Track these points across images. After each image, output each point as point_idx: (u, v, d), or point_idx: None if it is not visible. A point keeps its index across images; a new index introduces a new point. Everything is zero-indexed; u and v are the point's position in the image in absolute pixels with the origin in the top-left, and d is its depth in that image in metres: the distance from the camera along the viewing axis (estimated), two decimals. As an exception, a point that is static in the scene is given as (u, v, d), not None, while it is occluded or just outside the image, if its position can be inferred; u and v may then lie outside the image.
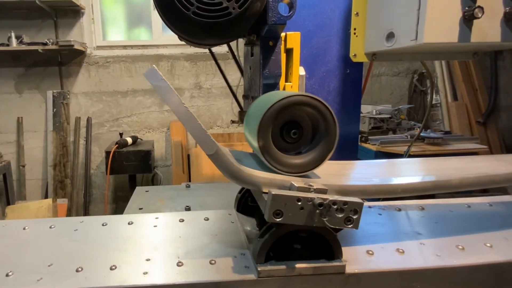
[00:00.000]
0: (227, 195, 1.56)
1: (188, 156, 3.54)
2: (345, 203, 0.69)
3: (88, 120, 3.55)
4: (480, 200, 1.10)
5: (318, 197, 0.68)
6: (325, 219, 0.69)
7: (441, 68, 3.67)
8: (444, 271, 0.76)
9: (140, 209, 1.39)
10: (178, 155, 3.52)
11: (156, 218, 0.94)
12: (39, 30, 3.32)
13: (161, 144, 3.76)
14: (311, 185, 0.72)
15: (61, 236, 0.86)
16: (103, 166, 3.61)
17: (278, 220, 0.68)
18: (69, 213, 3.47)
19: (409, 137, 2.85)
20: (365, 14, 1.21)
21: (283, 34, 1.12)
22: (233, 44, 1.44)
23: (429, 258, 0.78)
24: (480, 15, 0.91)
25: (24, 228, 0.89)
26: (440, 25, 0.93)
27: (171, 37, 3.62)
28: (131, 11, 3.63)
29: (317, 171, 0.81)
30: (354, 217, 0.70)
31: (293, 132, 0.78)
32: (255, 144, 0.75)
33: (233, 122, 2.86)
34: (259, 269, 0.71)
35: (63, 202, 3.45)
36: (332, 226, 0.70)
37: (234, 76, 3.30)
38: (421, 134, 2.83)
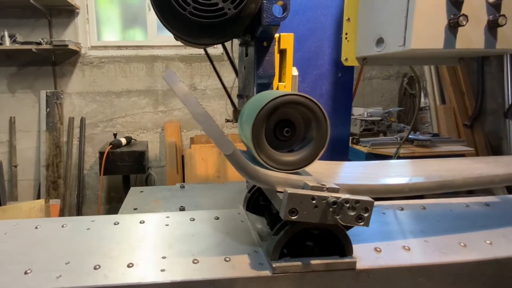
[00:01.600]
0: (221, 195, 1.59)
1: (182, 157, 3.54)
2: (357, 201, 0.72)
3: (82, 120, 3.53)
4: (477, 199, 1.15)
5: (331, 196, 0.71)
6: (337, 217, 0.72)
7: (430, 72, 3.76)
8: (449, 267, 0.79)
9: (134, 209, 1.40)
10: (172, 156, 3.52)
11: (167, 217, 0.96)
12: (33, 29, 3.29)
13: (155, 144, 3.75)
14: (323, 184, 0.74)
15: (75, 235, 0.87)
16: (96, 167, 3.58)
17: (293, 218, 0.71)
18: (61, 214, 3.43)
19: (398, 139, 2.91)
20: (356, 20, 1.24)
21: (276, 35, 1.14)
22: (228, 45, 1.46)
23: (434, 255, 0.81)
24: (464, 23, 0.95)
25: (36, 227, 0.89)
26: (427, 32, 0.97)
27: (166, 38, 3.62)
28: (126, 11, 3.62)
29: (309, 170, 0.83)
30: (365, 215, 0.73)
31: (286, 131, 0.80)
32: (249, 141, 0.77)
33: (227, 121, 2.89)
34: (274, 265, 0.73)
35: (55, 202, 3.41)
36: (344, 224, 0.73)
37: (229, 77, 3.31)
38: (410, 136, 2.89)
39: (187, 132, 3.77)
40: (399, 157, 2.52)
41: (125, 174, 3.31)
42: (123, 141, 3.33)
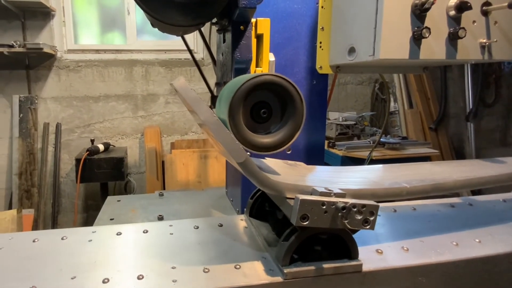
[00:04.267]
0: (200, 202, 1.58)
1: (163, 162, 3.49)
2: (364, 205, 0.75)
3: (58, 126, 3.40)
4: (461, 200, 1.22)
5: (340, 201, 0.74)
6: (346, 221, 0.75)
7: (398, 79, 3.94)
8: (445, 265, 0.84)
9: (111, 219, 1.37)
10: (152, 162, 3.46)
11: (170, 225, 0.95)
12: (4, 31, 3.14)
13: (134, 150, 3.67)
14: (331, 190, 0.77)
15: (77, 247, 0.84)
16: (73, 174, 3.46)
17: (304, 224, 0.73)
18: (35, 224, 3.28)
19: (371, 142, 3.00)
20: (330, 29, 1.28)
21: (253, 20, 1.15)
22: (207, 35, 1.47)
23: (431, 255, 0.86)
24: (427, 35, 1.00)
25: (34, 241, 0.86)
26: (394, 43, 1.02)
27: (145, 42, 3.58)
28: (104, 14, 3.53)
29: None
30: (371, 218, 0.76)
31: (263, 112, 0.79)
32: (226, 124, 0.76)
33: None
34: (285, 271, 0.75)
35: (29, 212, 3.26)
36: (351, 228, 0.76)
37: (209, 82, 3.32)
38: (381, 139, 3.00)
39: (168, 137, 3.73)
40: (372, 160, 2.61)
41: (103, 181, 3.22)
42: (101, 147, 3.24)
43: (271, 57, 1.26)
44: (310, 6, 1.34)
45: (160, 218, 1.37)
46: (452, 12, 1.04)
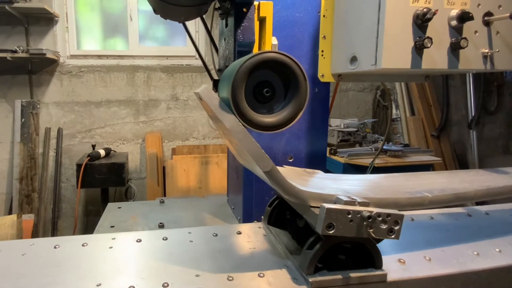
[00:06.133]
0: (201, 210, 1.59)
1: (164, 168, 3.48)
2: (388, 215, 0.76)
3: (59, 131, 3.38)
4: (477, 209, 1.23)
5: (365, 210, 0.75)
6: (371, 230, 0.75)
7: (400, 86, 3.96)
8: (468, 275, 0.84)
9: (111, 227, 1.37)
10: (153, 168, 3.45)
11: (189, 233, 0.95)
12: (8, 37, 3.13)
13: (135, 156, 3.66)
14: (355, 199, 0.78)
15: (98, 254, 0.84)
16: (73, 179, 3.43)
17: (330, 232, 0.73)
18: (35, 229, 3.25)
19: (373, 149, 3.00)
20: (332, 38, 1.29)
21: (256, 3, 1.15)
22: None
23: (453, 264, 0.86)
24: (429, 45, 1.01)
25: (55, 247, 0.86)
26: (396, 53, 1.03)
27: (147, 48, 3.59)
28: (107, 20, 3.54)
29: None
30: (396, 228, 0.77)
31: (266, 91, 0.78)
32: (229, 103, 0.75)
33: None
34: (310, 280, 0.75)
35: (29, 218, 3.23)
36: (376, 237, 0.77)
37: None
38: (383, 147, 2.99)
39: (169, 143, 3.72)
40: (374, 168, 2.61)
41: (103, 187, 3.20)
42: (102, 152, 3.22)
43: (274, 41, 1.25)
44: (312, 15, 1.36)
45: (161, 225, 1.36)
46: (454, 22, 1.05)
